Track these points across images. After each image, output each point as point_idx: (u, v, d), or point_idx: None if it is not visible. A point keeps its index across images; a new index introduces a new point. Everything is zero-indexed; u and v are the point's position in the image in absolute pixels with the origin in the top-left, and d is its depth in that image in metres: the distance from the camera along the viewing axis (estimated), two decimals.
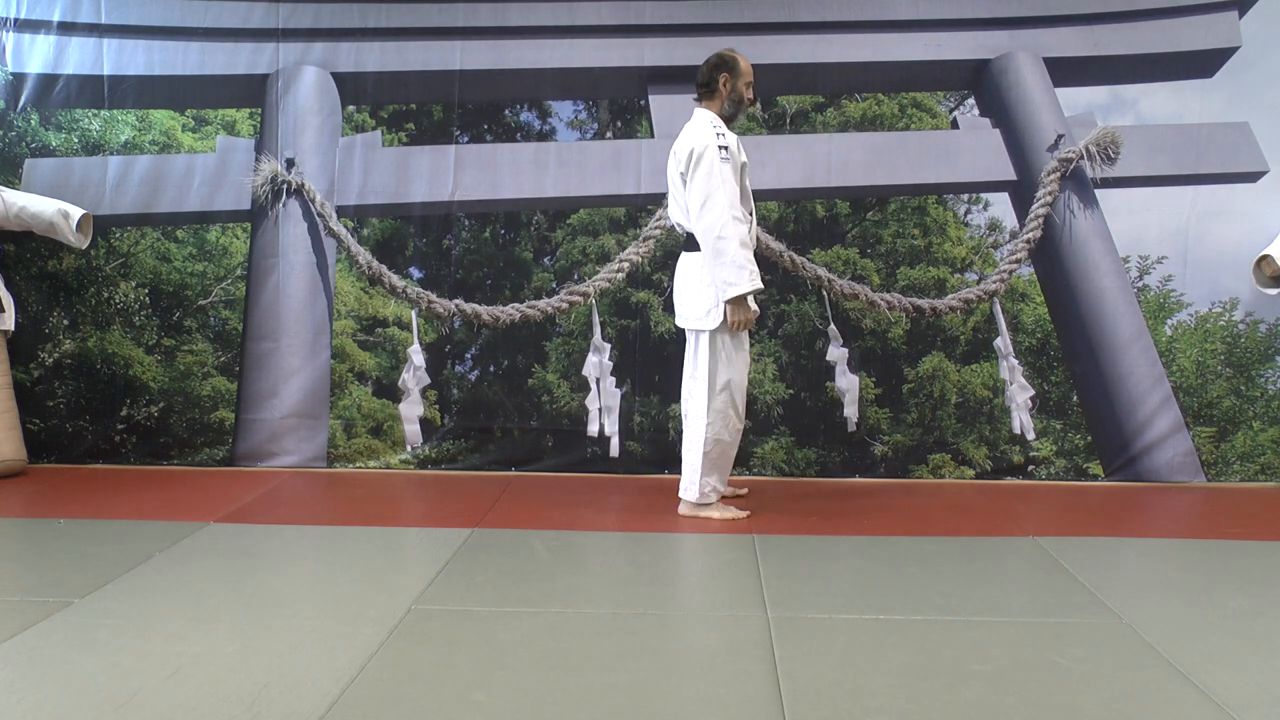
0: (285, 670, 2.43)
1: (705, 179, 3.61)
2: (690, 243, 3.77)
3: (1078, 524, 3.94)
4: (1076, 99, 4.64)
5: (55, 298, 4.82)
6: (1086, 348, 4.62)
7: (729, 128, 3.77)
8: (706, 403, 3.75)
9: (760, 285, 3.66)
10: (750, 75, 3.79)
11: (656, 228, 4.67)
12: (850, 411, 4.68)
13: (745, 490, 4.23)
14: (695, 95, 3.84)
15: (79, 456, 4.82)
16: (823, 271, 4.69)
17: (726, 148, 3.64)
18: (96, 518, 3.88)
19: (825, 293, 4.70)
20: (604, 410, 4.72)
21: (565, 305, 4.76)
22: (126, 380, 4.82)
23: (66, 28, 4.77)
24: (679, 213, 3.81)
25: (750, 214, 3.79)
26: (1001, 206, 4.70)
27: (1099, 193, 4.61)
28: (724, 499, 3.96)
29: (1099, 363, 4.60)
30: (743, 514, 3.86)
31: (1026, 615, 2.90)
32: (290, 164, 4.76)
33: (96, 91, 4.78)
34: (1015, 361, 4.67)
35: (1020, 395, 4.65)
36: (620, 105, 4.80)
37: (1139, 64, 4.61)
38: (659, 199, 4.58)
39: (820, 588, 3.10)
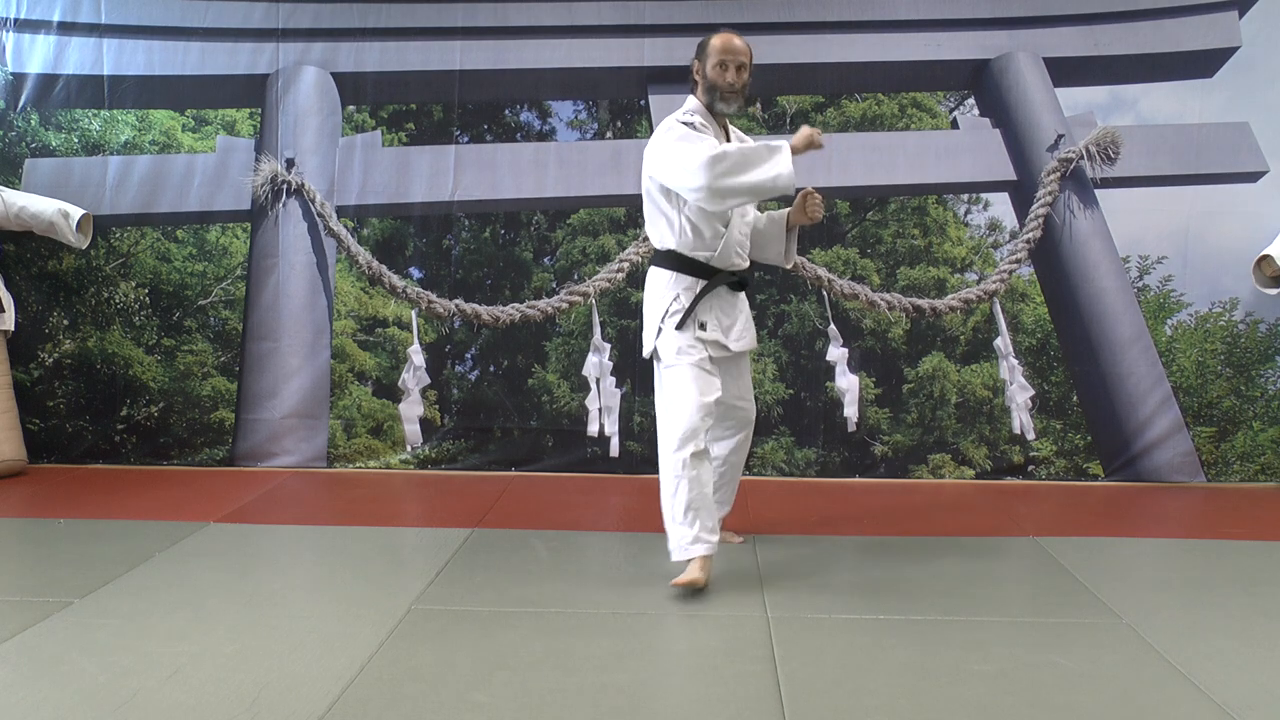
0: (285, 670, 2.43)
1: (675, 144, 3.04)
2: (657, 258, 3.26)
3: (1078, 524, 3.94)
4: (1076, 99, 4.63)
5: (55, 298, 4.82)
6: (1086, 348, 4.61)
7: (717, 117, 3.22)
8: (661, 440, 3.14)
9: (785, 143, 3.04)
10: (722, 54, 3.15)
11: None
12: (850, 411, 4.67)
13: (741, 539, 3.60)
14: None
15: (79, 456, 4.82)
16: (823, 271, 4.69)
17: (692, 124, 3.09)
18: (96, 518, 3.88)
19: (825, 293, 4.69)
20: (604, 410, 4.72)
21: (565, 305, 4.76)
22: (126, 380, 4.82)
23: (66, 28, 4.76)
24: (650, 226, 3.29)
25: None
26: (1001, 206, 4.70)
27: (1099, 193, 4.61)
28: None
29: (1099, 363, 4.60)
30: (700, 577, 3.01)
31: (1026, 615, 2.90)
32: (290, 164, 4.76)
33: (96, 91, 4.78)
34: (1015, 361, 4.66)
35: (1020, 395, 4.65)
36: (620, 105, 4.80)
37: (1139, 64, 4.61)
38: None
39: (820, 588, 3.10)
